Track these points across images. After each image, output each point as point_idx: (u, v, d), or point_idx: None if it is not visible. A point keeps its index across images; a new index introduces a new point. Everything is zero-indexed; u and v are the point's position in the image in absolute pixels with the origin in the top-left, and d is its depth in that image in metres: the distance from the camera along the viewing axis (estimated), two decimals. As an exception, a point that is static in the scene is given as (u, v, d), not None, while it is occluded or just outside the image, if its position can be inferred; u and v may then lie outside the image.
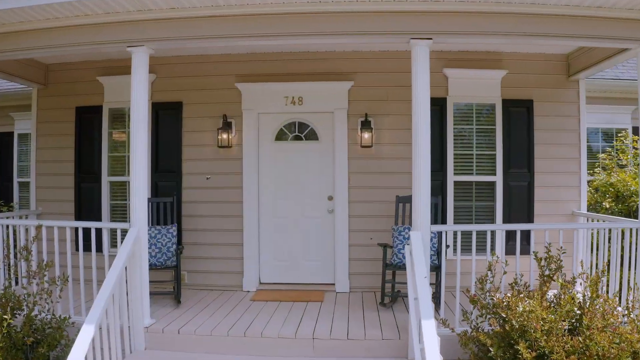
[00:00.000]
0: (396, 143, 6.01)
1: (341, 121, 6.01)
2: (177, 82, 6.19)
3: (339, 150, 6.00)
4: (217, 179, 6.13)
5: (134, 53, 4.52)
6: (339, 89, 5.99)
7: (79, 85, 6.45)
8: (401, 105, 5.98)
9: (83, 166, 6.40)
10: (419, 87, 4.41)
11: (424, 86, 4.42)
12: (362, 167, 6.01)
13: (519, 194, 6.13)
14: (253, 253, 6.05)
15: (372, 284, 5.92)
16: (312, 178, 6.16)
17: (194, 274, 6.11)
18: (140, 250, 4.44)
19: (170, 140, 6.18)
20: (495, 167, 6.15)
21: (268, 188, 6.20)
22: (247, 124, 6.07)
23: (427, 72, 4.44)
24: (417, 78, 4.41)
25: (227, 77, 6.10)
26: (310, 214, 6.18)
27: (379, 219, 5.95)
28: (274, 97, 6.06)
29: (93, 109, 6.40)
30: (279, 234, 6.20)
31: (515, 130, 6.13)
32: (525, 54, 6.15)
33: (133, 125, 4.51)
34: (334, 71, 6.03)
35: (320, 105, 6.05)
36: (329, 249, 6.15)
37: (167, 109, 6.18)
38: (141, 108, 4.51)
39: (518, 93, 6.14)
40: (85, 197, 6.40)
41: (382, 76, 6.03)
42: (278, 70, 6.05)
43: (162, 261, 5.43)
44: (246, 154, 6.07)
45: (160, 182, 6.19)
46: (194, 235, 6.12)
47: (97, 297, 3.81)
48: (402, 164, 5.95)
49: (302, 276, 6.17)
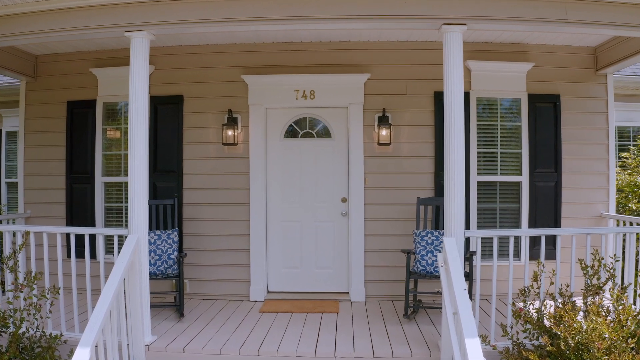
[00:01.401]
0: (416, 140, 5.58)
1: (356, 117, 5.56)
2: (177, 74, 5.71)
3: (354, 148, 5.55)
4: (221, 179, 5.65)
5: (133, 39, 4.05)
6: (354, 82, 5.54)
7: (70, 77, 5.97)
8: (421, 99, 5.58)
9: (75, 166, 5.91)
10: (452, 79, 4.00)
11: (457, 78, 4.01)
12: (380, 167, 5.56)
13: (545, 195, 5.72)
14: (260, 260, 5.59)
15: (390, 292, 5.52)
16: (324, 178, 5.71)
17: (197, 282, 5.64)
18: (140, 260, 3.97)
19: (170, 137, 5.70)
20: (521, 167, 5.73)
21: (276, 189, 5.74)
22: (254, 119, 5.60)
23: (461, 63, 4.03)
24: (450, 69, 4.00)
25: (232, 68, 5.63)
26: (322, 217, 5.72)
27: (398, 223, 5.52)
28: (283, 90, 5.60)
29: (86, 103, 5.91)
30: (288, 238, 5.74)
31: (541, 127, 5.73)
32: (551, 46, 5.75)
33: (132, 120, 4.04)
34: (348, 63, 5.59)
35: (334, 99, 5.60)
36: (342, 255, 5.71)
37: (166, 103, 5.70)
38: (141, 100, 4.04)
39: (544, 87, 5.74)
40: (77, 199, 5.91)
41: (400, 68, 5.59)
42: (288, 62, 5.59)
43: (162, 270, 4.95)
44: (253, 153, 5.61)
45: (159, 182, 5.71)
46: (196, 240, 5.64)
47: (92, 316, 3.32)
48: (422, 163, 5.56)
49: (314, 284, 5.72)
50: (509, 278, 4.11)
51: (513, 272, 4.10)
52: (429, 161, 5.56)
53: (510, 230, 4.41)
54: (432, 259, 4.90)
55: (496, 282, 4.09)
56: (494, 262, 4.11)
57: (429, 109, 5.59)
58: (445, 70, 4.03)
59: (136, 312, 3.95)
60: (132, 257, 3.86)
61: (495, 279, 4.10)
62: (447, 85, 4.03)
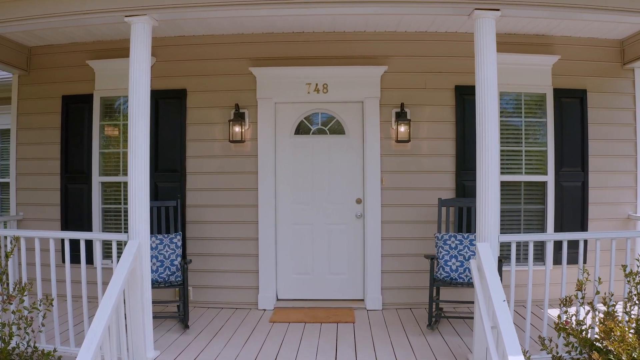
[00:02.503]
0: (436, 138, 5.22)
1: (372, 112, 5.19)
2: (180, 67, 5.33)
3: (370, 145, 5.19)
4: (227, 179, 5.28)
5: (134, 24, 3.67)
6: (371, 75, 5.18)
7: (66, 71, 5.58)
8: (441, 94, 5.23)
9: (70, 165, 5.53)
10: (484, 71, 3.69)
11: (490, 70, 3.70)
12: (397, 165, 5.20)
13: (572, 195, 5.38)
14: (269, 265, 5.22)
15: (408, 300, 5.17)
16: (337, 178, 5.35)
17: (201, 289, 5.27)
18: (141, 268, 3.60)
19: (173, 134, 5.32)
20: (546, 166, 5.38)
21: (286, 190, 5.37)
22: (263, 115, 5.24)
23: (494, 53, 3.71)
24: (482, 60, 3.69)
25: (240, 60, 5.26)
26: (335, 220, 5.36)
27: (417, 225, 5.16)
28: (294, 83, 5.23)
29: (82, 98, 5.52)
30: (299, 242, 5.38)
31: (567, 123, 5.38)
32: (576, 38, 5.41)
33: (132, 114, 3.67)
34: (364, 54, 5.22)
35: (348, 93, 5.23)
36: (357, 260, 5.34)
37: (168, 97, 5.32)
38: (142, 92, 3.67)
39: (570, 82, 5.39)
40: (73, 200, 5.53)
41: (419, 61, 5.23)
42: (299, 53, 5.22)
43: (164, 277, 4.58)
44: (261, 150, 5.24)
45: (160, 183, 5.33)
46: (201, 244, 5.27)
47: (89, 331, 2.96)
48: (442, 162, 5.21)
49: (327, 291, 5.36)
50: (546, 284, 3.77)
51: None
52: (450, 160, 5.21)
53: (550, 235, 4.07)
54: (456, 264, 4.55)
55: (529, 290, 3.75)
56: (530, 268, 3.77)
57: (449, 104, 5.23)
58: (477, 61, 3.70)
59: (137, 326, 3.59)
60: (132, 265, 3.50)
61: (530, 287, 3.76)
62: (479, 78, 3.71)
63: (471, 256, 4.59)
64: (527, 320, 3.74)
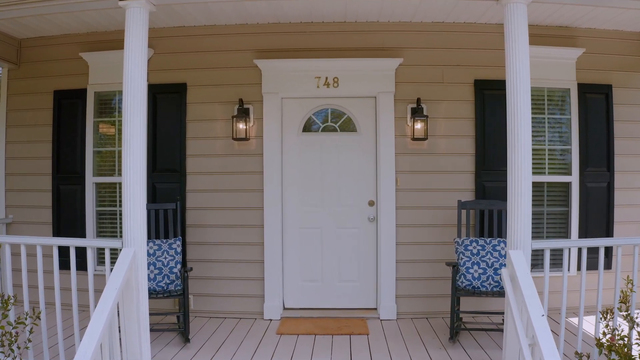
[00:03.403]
0: (454, 135, 4.89)
1: (386, 108, 4.85)
2: (180, 59, 4.99)
3: (384, 144, 4.84)
4: (230, 179, 4.93)
5: (129, 9, 3.31)
6: (385, 68, 4.83)
7: (58, 64, 5.23)
8: (460, 89, 4.90)
9: (63, 164, 5.17)
10: (516, 63, 3.35)
11: (522, 62, 3.36)
12: (413, 165, 4.86)
13: (597, 197, 5.04)
14: (276, 272, 4.88)
15: (424, 309, 4.84)
16: (348, 179, 5.00)
17: (203, 298, 4.92)
18: (137, 279, 3.24)
19: (172, 131, 4.97)
20: (570, 165, 5.04)
21: (294, 191, 5.03)
22: (269, 110, 4.89)
23: (526, 43, 3.36)
24: (514, 50, 3.35)
25: (244, 52, 4.91)
26: (346, 223, 5.01)
27: (434, 229, 4.83)
28: (302, 77, 4.88)
29: (75, 93, 5.18)
30: (307, 247, 5.03)
31: (592, 120, 5.05)
32: (601, 30, 5.07)
33: (127, 107, 3.31)
34: (377, 46, 4.88)
35: (360, 87, 4.89)
36: (370, 266, 5.00)
37: (167, 92, 4.98)
38: (137, 83, 3.31)
39: (595, 77, 5.06)
40: (65, 202, 5.18)
41: (436, 53, 4.89)
42: (308, 44, 4.87)
43: (163, 286, 4.23)
44: (267, 149, 4.89)
45: (158, 183, 4.98)
46: (202, 250, 4.92)
47: (78, 351, 2.61)
48: (461, 161, 4.88)
49: (337, 300, 5.01)
50: (581, 295, 3.42)
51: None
52: (469, 159, 4.87)
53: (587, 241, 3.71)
54: (478, 271, 4.22)
55: (563, 302, 3.41)
56: (565, 275, 3.42)
57: (468, 99, 4.89)
58: (507, 51, 3.37)
59: (133, 341, 3.24)
60: (127, 276, 3.15)
61: (565, 299, 3.41)
62: (510, 70, 3.37)
63: (494, 263, 4.27)
64: (561, 336, 3.39)
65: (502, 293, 4.14)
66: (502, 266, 4.27)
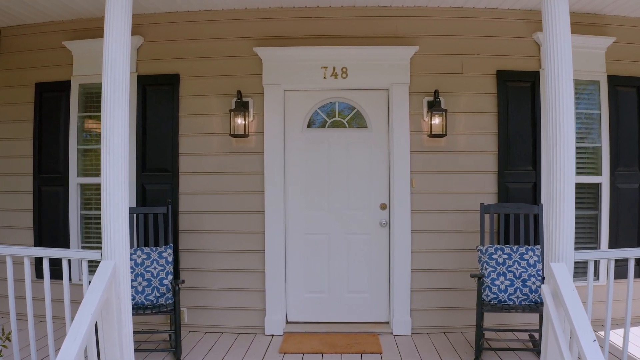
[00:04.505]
0: (474, 132, 4.44)
1: (400, 101, 4.39)
2: (172, 48, 4.54)
3: (398, 141, 4.39)
4: (228, 180, 4.48)
5: (109, -18, 2.86)
6: (399, 57, 4.37)
7: (40, 54, 4.78)
8: (480, 80, 4.46)
9: (45, 164, 4.73)
10: (558, 45, 2.89)
11: (565, 44, 2.91)
12: (431, 164, 4.40)
13: (628, 199, 4.60)
14: (278, 282, 4.42)
15: (442, 323, 4.41)
16: (358, 179, 4.55)
17: (198, 311, 4.46)
18: (119, 296, 2.79)
19: (163, 127, 4.51)
20: (600, 165, 4.59)
21: (298, 193, 4.57)
22: (270, 104, 4.43)
23: (568, 22, 2.92)
24: (555, 32, 2.91)
25: (242, 40, 4.46)
26: (355, 229, 4.56)
27: (453, 235, 4.38)
28: (307, 67, 4.43)
29: (58, 85, 4.73)
30: (313, 255, 4.58)
31: (623, 116, 4.61)
32: (632, 18, 4.64)
33: (106, 98, 2.86)
34: (390, 33, 4.43)
35: (372, 79, 4.43)
36: (381, 276, 4.54)
37: (158, 84, 4.53)
38: (119, 69, 2.85)
39: (626, 69, 4.62)
40: (47, 204, 4.73)
41: (454, 41, 4.44)
42: (313, 31, 4.42)
43: (152, 299, 3.78)
44: (268, 146, 4.43)
45: (148, 185, 4.53)
46: (196, 258, 4.47)
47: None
48: (483, 160, 4.44)
49: (346, 313, 4.56)
50: (627, 307, 2.97)
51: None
52: (491, 158, 4.42)
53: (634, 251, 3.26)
54: (505, 283, 3.77)
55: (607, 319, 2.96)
56: (610, 288, 2.97)
57: (490, 91, 4.44)
58: (546, 37, 2.95)
59: (114, 369, 2.79)
60: (106, 294, 2.70)
61: (609, 313, 2.96)
62: (550, 56, 2.93)
63: (522, 273, 3.83)
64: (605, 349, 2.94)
65: (532, 308, 3.70)
66: (531, 277, 3.84)
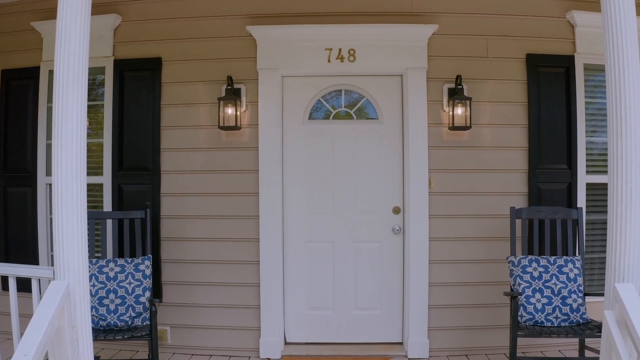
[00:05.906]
0: (501, 124, 3.87)
1: (417, 88, 3.81)
2: (153, 28, 3.97)
3: (413, 134, 3.81)
4: (217, 180, 3.91)
5: None
6: (415, 37, 3.80)
7: (7, 38, 4.24)
8: (508, 65, 3.92)
9: (10, 161, 4.18)
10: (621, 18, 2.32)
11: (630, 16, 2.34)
12: (452, 161, 3.83)
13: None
14: (275, 298, 3.84)
15: (465, 344, 3.88)
16: (368, 179, 3.99)
17: (182, 330, 3.89)
18: (75, 324, 2.22)
19: (142, 118, 3.94)
20: (643, 162, 4.00)
21: (298, 195, 4.00)
22: (266, 92, 3.86)
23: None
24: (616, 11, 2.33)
25: (234, 18, 3.89)
26: (364, 236, 3.99)
27: (477, 244, 3.81)
28: (308, 48, 3.85)
29: (27, 72, 4.18)
30: (315, 267, 4.01)
31: None
32: None
33: (59, 79, 2.35)
34: (404, 10, 3.86)
35: (383, 62, 3.86)
36: (394, 290, 3.97)
37: (137, 69, 3.95)
38: (76, 40, 2.31)
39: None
40: (13, 207, 4.19)
41: (478, 20, 3.88)
42: (315, 7, 3.85)
43: (126, 320, 3.21)
44: (264, 140, 3.86)
45: (126, 185, 3.95)
46: (181, 270, 3.89)
47: None
48: (511, 157, 3.90)
49: (352, 332, 3.99)
50: None
51: None
52: (521, 154, 3.85)
53: None
54: (542, 301, 3.24)
55: None
56: None
57: (519, 78, 3.88)
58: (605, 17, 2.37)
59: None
60: (56, 322, 2.14)
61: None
62: (610, 30, 2.36)
63: (562, 289, 3.31)
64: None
65: (576, 331, 3.15)
66: (572, 294, 3.29)
